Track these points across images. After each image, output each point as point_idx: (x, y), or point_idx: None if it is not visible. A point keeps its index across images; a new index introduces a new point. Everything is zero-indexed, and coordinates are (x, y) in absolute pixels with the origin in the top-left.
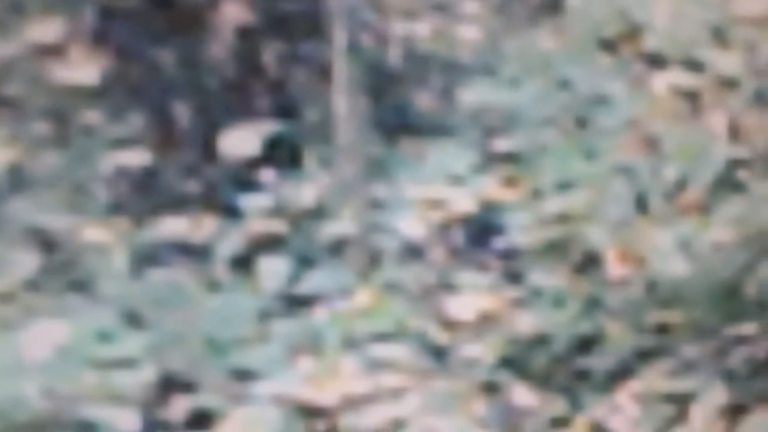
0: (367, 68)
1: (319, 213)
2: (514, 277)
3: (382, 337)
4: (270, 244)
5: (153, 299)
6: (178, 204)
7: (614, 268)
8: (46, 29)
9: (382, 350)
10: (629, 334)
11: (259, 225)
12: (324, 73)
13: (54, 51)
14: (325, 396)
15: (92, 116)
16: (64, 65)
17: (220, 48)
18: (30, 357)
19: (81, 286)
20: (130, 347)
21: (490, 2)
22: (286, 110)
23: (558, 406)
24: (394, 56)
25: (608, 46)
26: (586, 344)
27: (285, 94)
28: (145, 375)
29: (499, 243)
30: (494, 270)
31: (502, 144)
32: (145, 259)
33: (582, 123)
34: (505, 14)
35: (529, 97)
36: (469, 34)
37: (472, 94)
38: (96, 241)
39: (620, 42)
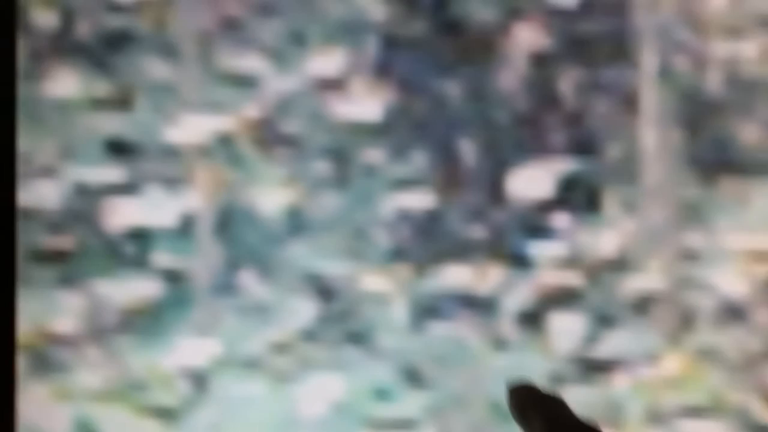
0: (682, 96)
1: (621, 264)
2: None
3: (694, 412)
4: (563, 298)
5: (434, 355)
6: (461, 251)
7: None
8: (327, 62)
9: (694, 427)
10: None
11: (551, 277)
12: (629, 102)
13: (335, 85)
14: None
15: (374, 155)
16: (345, 100)
17: (511, 77)
18: (305, 412)
19: (358, 337)
20: (410, 407)
21: None
22: (584, 146)
23: None
24: (713, 81)
25: None
26: None
27: (583, 127)
28: None
29: None
30: None
31: None
32: (426, 310)
33: None
34: None
35: None
36: None
37: None
38: (375, 289)
39: None
